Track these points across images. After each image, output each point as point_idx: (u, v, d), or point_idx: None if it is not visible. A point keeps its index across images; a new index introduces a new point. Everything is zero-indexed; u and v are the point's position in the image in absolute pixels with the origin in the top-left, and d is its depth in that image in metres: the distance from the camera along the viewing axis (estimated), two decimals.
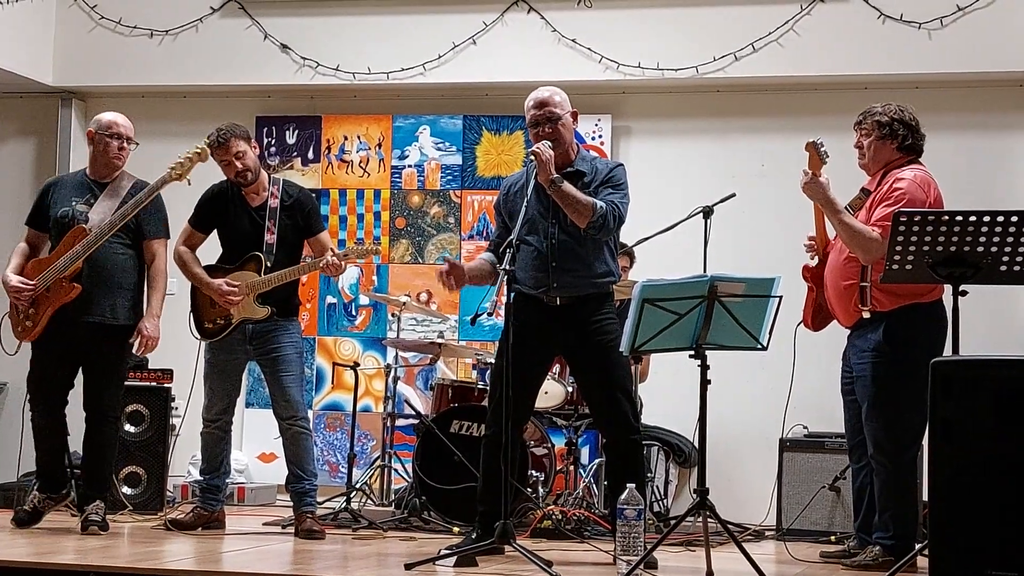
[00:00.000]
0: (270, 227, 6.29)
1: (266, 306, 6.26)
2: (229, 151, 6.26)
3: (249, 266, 6.29)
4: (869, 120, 5.53)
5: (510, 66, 7.91)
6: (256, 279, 6.25)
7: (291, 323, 6.38)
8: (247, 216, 6.33)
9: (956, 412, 4.07)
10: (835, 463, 6.59)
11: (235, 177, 6.30)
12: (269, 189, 6.34)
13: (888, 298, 5.32)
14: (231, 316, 6.29)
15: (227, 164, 6.30)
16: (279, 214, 6.30)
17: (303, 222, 6.36)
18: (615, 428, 5.62)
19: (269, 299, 6.27)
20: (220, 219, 6.39)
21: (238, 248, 6.34)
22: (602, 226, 5.49)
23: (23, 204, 8.70)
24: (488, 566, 5.13)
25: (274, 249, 6.27)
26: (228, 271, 6.32)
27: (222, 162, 6.30)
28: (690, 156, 7.95)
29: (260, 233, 6.28)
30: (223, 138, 6.28)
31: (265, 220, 6.29)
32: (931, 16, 7.40)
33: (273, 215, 6.30)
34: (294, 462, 6.29)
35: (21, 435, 6.95)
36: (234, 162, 6.27)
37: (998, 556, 3.97)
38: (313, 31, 8.22)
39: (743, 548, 4.92)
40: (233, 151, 6.26)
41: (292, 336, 6.35)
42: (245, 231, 6.31)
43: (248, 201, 6.34)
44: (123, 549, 5.54)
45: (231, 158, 6.27)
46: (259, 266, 6.27)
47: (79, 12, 8.41)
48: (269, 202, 6.32)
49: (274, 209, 6.30)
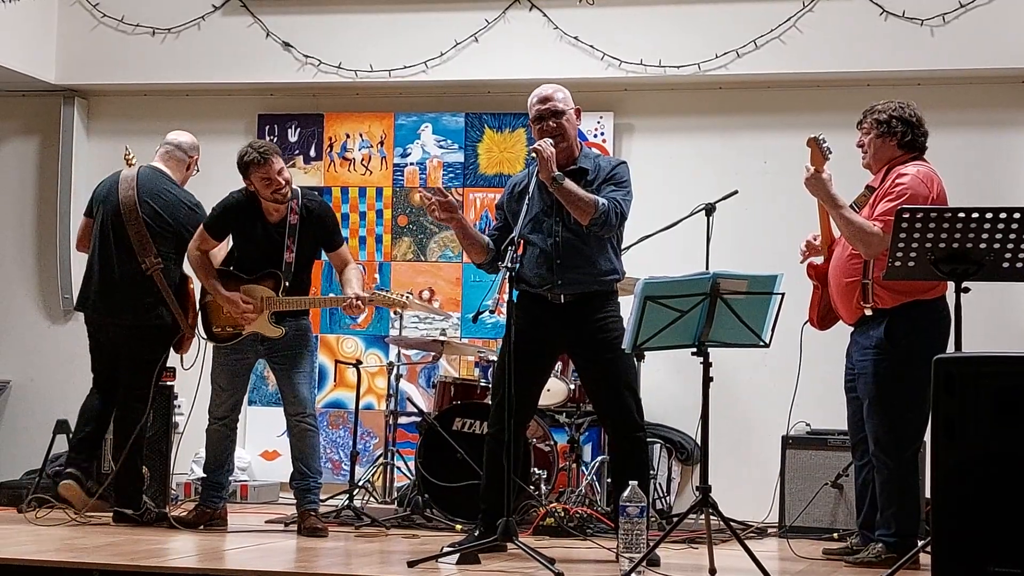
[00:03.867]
0: (289, 245, 6.23)
1: (281, 327, 6.24)
2: (272, 168, 6.11)
3: (267, 282, 6.25)
4: (869, 119, 5.54)
5: (512, 64, 7.91)
6: (274, 298, 6.23)
7: (302, 321, 6.38)
8: (265, 231, 6.25)
9: (958, 409, 4.07)
10: (838, 460, 6.58)
11: (273, 195, 6.15)
12: (288, 204, 6.24)
13: (890, 295, 5.32)
14: (242, 328, 6.28)
15: (267, 182, 6.12)
16: (298, 232, 6.24)
17: (323, 239, 6.33)
18: (618, 425, 5.62)
19: (283, 318, 6.27)
20: (236, 230, 6.33)
21: (255, 260, 6.28)
22: (604, 223, 5.49)
23: (26, 202, 8.74)
24: (491, 563, 5.13)
25: (292, 269, 6.25)
26: (244, 281, 6.29)
27: (263, 180, 6.12)
28: (692, 153, 7.94)
29: (278, 250, 6.23)
30: (265, 156, 6.11)
31: (284, 238, 6.24)
32: (933, 13, 7.39)
33: (293, 233, 6.23)
34: (300, 459, 6.29)
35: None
36: (276, 178, 6.13)
37: (1001, 553, 3.97)
38: (315, 29, 8.22)
39: (746, 545, 4.92)
40: (276, 168, 6.13)
41: (304, 334, 6.35)
42: (262, 246, 6.26)
43: (267, 217, 6.25)
44: (126, 547, 5.54)
45: (273, 175, 6.13)
46: (277, 284, 6.24)
47: (81, 10, 8.41)
48: (289, 219, 6.23)
49: (294, 226, 6.23)
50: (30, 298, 8.67)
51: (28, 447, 7.90)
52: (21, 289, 8.69)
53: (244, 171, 6.19)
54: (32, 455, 7.63)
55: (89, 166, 8.59)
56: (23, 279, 8.70)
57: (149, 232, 6.48)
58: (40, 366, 8.58)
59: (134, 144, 8.37)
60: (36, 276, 8.68)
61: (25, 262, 8.71)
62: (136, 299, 6.48)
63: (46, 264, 8.63)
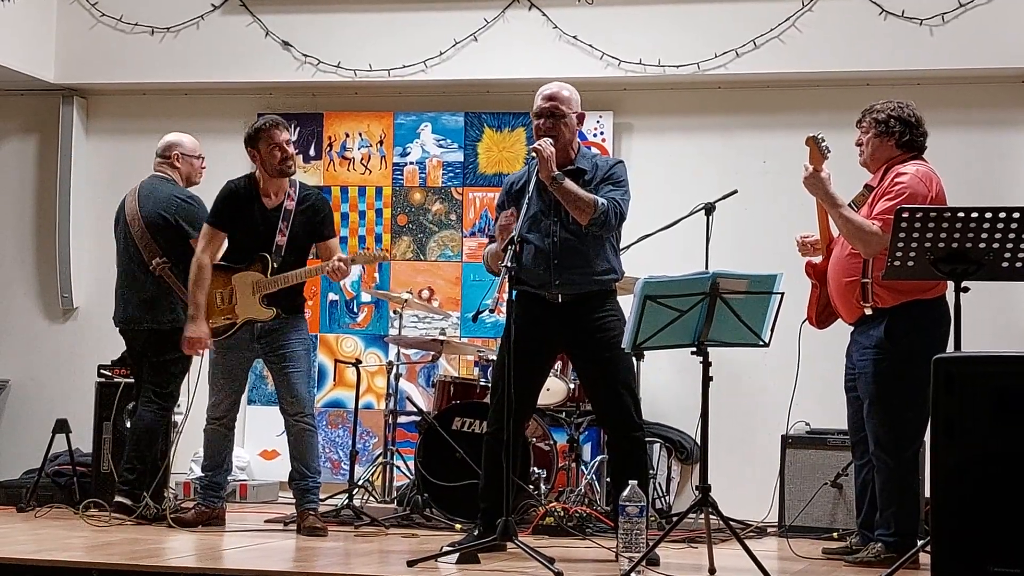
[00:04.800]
0: (282, 228, 6.26)
1: (272, 308, 6.25)
2: (280, 134, 6.22)
3: (256, 266, 6.29)
4: (868, 118, 5.54)
5: (511, 63, 7.90)
6: (262, 279, 6.24)
7: (298, 320, 6.38)
8: (261, 217, 6.29)
9: (958, 408, 4.07)
10: (838, 460, 6.58)
11: (280, 164, 6.24)
12: (287, 191, 6.32)
13: (889, 294, 5.32)
14: (235, 316, 6.29)
15: (275, 147, 6.22)
16: (293, 216, 6.28)
17: (316, 226, 6.34)
18: (617, 425, 5.62)
19: (274, 300, 6.27)
20: (236, 216, 6.33)
21: (248, 248, 6.31)
22: (604, 223, 5.49)
23: (25, 202, 8.73)
24: (490, 563, 5.13)
25: (283, 251, 6.26)
26: (235, 271, 6.32)
27: (271, 146, 6.21)
28: (692, 153, 7.93)
29: (271, 234, 6.26)
30: (274, 121, 6.26)
31: (279, 222, 6.27)
32: (933, 12, 7.38)
33: (287, 217, 6.27)
34: (298, 459, 6.29)
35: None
36: (284, 146, 6.24)
37: (1000, 552, 3.97)
38: (314, 28, 8.22)
39: (745, 545, 4.92)
40: (284, 136, 6.25)
41: (300, 333, 6.35)
42: (257, 232, 6.28)
43: (264, 203, 6.30)
44: (125, 546, 5.53)
45: (282, 142, 6.23)
46: (265, 267, 6.27)
47: (80, 9, 8.40)
48: (285, 203, 6.29)
49: (289, 211, 6.28)
50: (29, 297, 8.67)
51: (27, 447, 7.90)
52: (20, 288, 8.69)
53: (253, 140, 6.26)
54: (31, 455, 7.63)
55: (88, 165, 8.59)
56: (23, 278, 8.70)
57: (150, 232, 6.64)
58: (39, 366, 8.57)
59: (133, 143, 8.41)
60: (35, 275, 8.67)
61: (25, 261, 8.70)
62: (151, 303, 6.64)
63: (46, 264, 8.62)
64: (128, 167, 8.45)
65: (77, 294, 8.55)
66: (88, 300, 8.55)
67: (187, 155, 6.87)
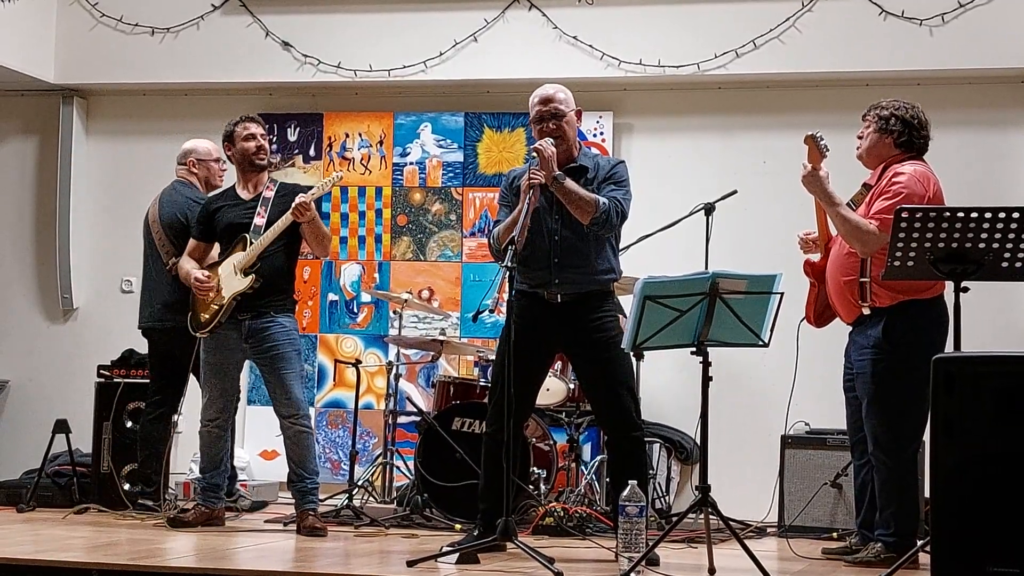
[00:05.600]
0: (260, 212, 6.34)
1: (249, 274, 6.26)
2: (253, 127, 6.43)
3: (236, 248, 6.34)
4: (872, 112, 5.55)
5: (511, 63, 7.91)
6: (241, 255, 6.27)
7: (286, 319, 6.36)
8: (240, 207, 6.38)
9: (957, 408, 4.07)
10: (837, 460, 6.58)
11: (257, 154, 6.41)
12: (266, 183, 6.44)
13: (887, 294, 5.32)
14: (221, 299, 6.29)
15: (251, 138, 6.40)
16: (271, 201, 6.36)
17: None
18: (617, 425, 5.62)
19: (258, 274, 6.28)
20: (219, 219, 6.39)
21: (231, 239, 6.36)
22: (605, 222, 5.49)
23: (25, 202, 8.73)
24: (490, 563, 5.13)
25: (262, 230, 6.29)
26: (220, 264, 6.36)
27: (247, 137, 6.40)
28: (691, 153, 7.94)
29: (251, 219, 6.33)
30: (247, 116, 6.51)
31: (257, 207, 6.35)
32: (932, 12, 7.39)
33: (265, 203, 6.36)
34: (295, 461, 6.29)
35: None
36: (258, 137, 6.41)
37: (1000, 552, 3.97)
38: (314, 28, 8.22)
39: (745, 545, 4.92)
40: (257, 128, 6.44)
41: (288, 332, 6.33)
42: (238, 221, 6.34)
43: (241, 196, 6.42)
44: (125, 547, 5.54)
45: (256, 132, 6.41)
46: (245, 246, 6.30)
47: (80, 10, 8.41)
48: (264, 193, 6.40)
49: (267, 199, 6.38)
50: (29, 298, 8.67)
51: (27, 447, 7.90)
52: (20, 289, 8.69)
53: (230, 136, 6.45)
54: (31, 455, 7.63)
55: (88, 166, 8.59)
56: (22, 279, 8.70)
57: (167, 234, 6.87)
58: (39, 366, 8.58)
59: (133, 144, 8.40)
60: (35, 276, 8.68)
61: (24, 261, 8.70)
62: (173, 305, 6.74)
63: (45, 264, 8.62)
64: (128, 167, 8.48)
65: (77, 294, 8.55)
66: (88, 300, 8.55)
67: (203, 159, 7.08)
